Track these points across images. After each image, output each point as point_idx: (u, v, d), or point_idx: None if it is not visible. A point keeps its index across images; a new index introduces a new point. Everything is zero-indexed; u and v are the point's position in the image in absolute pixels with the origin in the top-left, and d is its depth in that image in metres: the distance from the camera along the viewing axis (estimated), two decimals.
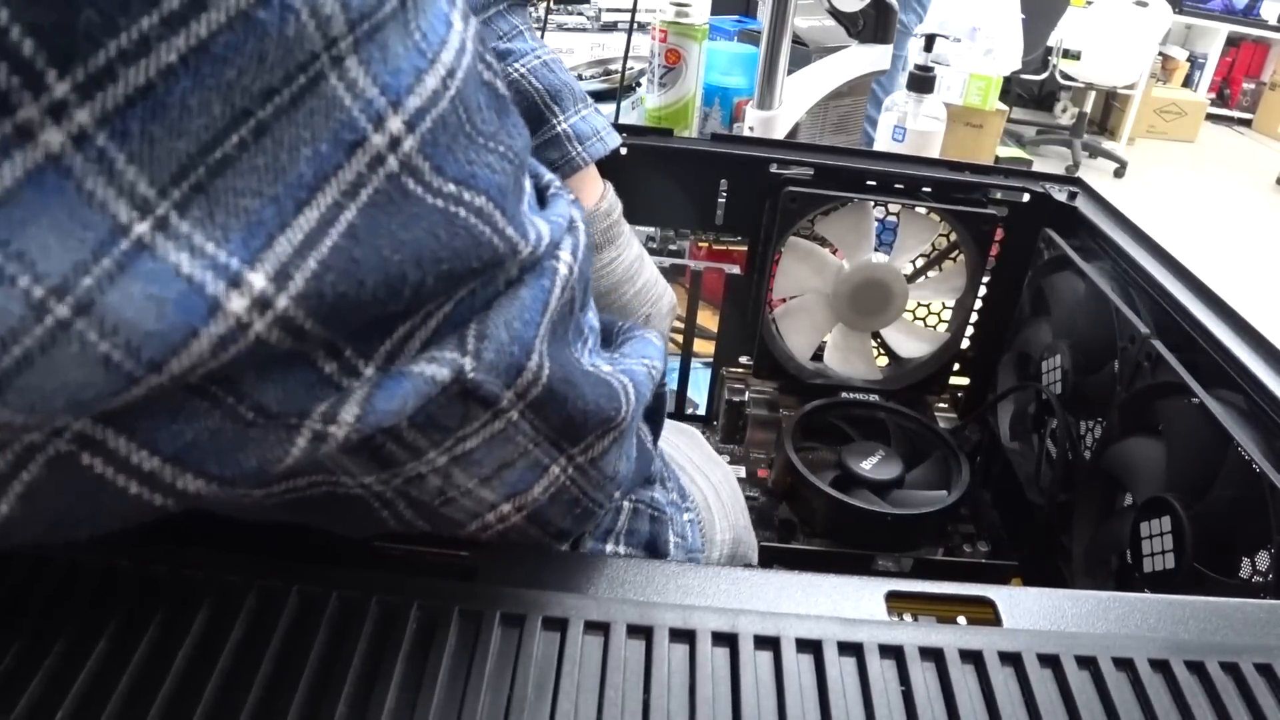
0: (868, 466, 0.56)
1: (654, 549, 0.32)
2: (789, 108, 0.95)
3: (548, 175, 0.24)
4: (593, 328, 0.26)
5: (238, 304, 0.14)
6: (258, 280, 0.14)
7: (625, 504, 0.31)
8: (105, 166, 0.12)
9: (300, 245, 0.15)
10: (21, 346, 0.12)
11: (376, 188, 0.15)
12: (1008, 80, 3.10)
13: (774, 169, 0.59)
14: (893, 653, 0.25)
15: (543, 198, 0.23)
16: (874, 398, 0.63)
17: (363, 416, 0.17)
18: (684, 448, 0.43)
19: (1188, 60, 4.40)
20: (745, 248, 0.63)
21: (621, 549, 0.30)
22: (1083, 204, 0.59)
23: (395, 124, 0.15)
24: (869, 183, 0.58)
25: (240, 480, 0.17)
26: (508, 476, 0.22)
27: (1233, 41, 4.42)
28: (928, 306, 0.67)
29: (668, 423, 0.40)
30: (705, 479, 0.41)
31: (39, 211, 0.12)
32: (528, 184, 0.21)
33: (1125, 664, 0.25)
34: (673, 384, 0.68)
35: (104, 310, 0.13)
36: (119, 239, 0.13)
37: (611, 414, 0.24)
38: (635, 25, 0.96)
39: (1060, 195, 0.59)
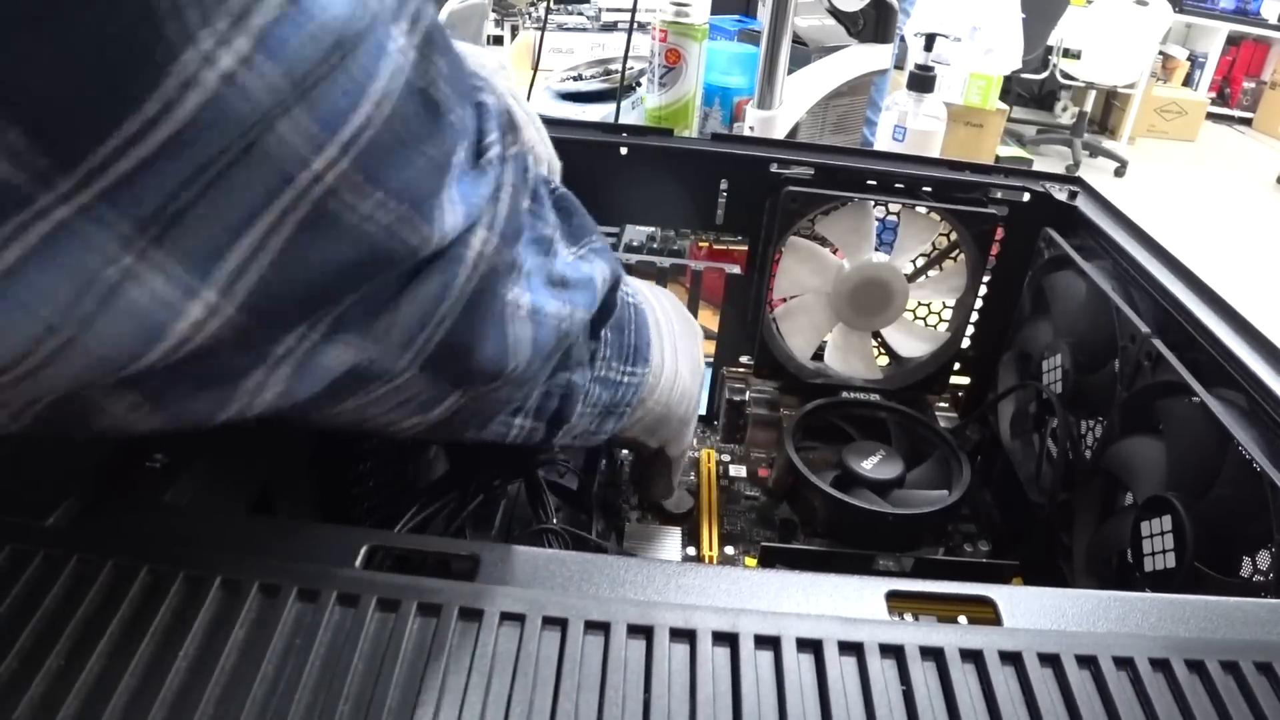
0: (868, 466, 0.56)
1: (557, 419, 0.34)
2: (789, 107, 0.95)
3: (492, 135, 0.24)
4: (540, 241, 0.28)
5: (195, 313, 0.18)
6: (210, 294, 0.18)
7: (538, 389, 0.32)
8: (100, 222, 0.16)
9: (240, 265, 0.18)
10: (36, 357, 0.16)
11: (303, 215, 0.18)
12: (1008, 79, 3.10)
13: (774, 169, 0.59)
14: (893, 652, 0.25)
15: (479, 158, 0.24)
16: (874, 397, 0.63)
17: (283, 394, 0.22)
18: (662, 309, 0.42)
19: (1188, 59, 4.40)
20: (745, 248, 0.63)
21: (528, 422, 0.33)
22: (1083, 203, 0.59)
23: (327, 155, 0.18)
24: (869, 182, 0.58)
25: (188, 421, 0.21)
26: (409, 406, 0.26)
27: (1233, 41, 4.42)
28: (928, 306, 0.67)
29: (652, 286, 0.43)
30: (672, 348, 0.41)
31: (55, 259, 0.15)
32: (455, 167, 0.22)
33: (1125, 663, 0.25)
34: None
35: (99, 326, 0.16)
36: (108, 270, 0.16)
37: (499, 370, 0.27)
38: (635, 25, 0.96)
39: (1060, 195, 0.59)
